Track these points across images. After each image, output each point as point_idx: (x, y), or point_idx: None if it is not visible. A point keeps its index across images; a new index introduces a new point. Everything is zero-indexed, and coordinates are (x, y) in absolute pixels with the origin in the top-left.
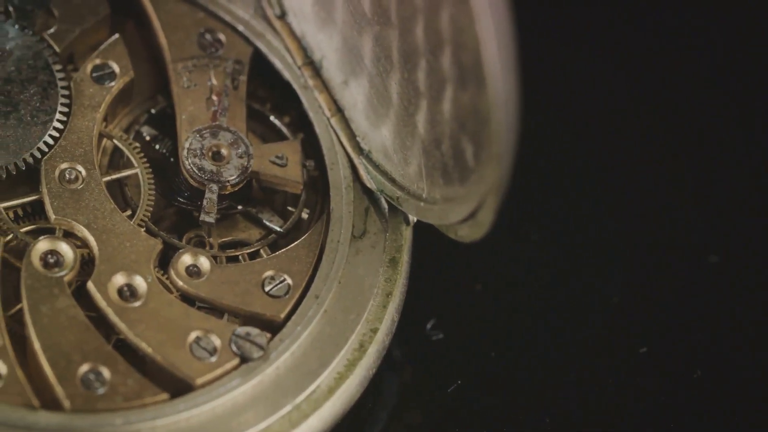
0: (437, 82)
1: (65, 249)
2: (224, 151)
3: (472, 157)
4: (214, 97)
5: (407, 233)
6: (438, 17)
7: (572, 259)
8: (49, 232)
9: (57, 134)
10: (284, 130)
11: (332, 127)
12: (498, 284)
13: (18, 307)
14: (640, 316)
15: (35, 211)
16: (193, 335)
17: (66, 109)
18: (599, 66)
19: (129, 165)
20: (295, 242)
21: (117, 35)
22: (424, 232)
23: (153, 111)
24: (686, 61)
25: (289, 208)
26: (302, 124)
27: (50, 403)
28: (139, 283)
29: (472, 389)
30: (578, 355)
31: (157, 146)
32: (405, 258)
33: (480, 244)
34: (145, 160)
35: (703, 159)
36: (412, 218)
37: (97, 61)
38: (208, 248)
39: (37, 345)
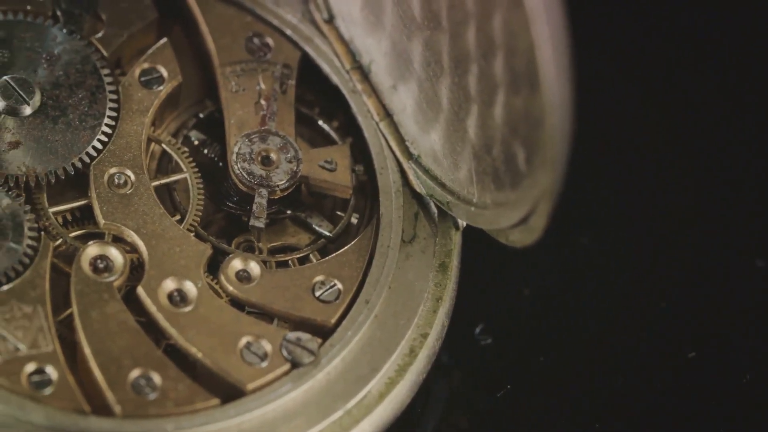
0: (488, 87)
1: (115, 254)
2: (273, 156)
3: (524, 162)
4: (263, 102)
5: (456, 238)
6: (490, 22)
7: (619, 264)
8: (98, 237)
9: (105, 139)
10: (333, 134)
11: (381, 131)
12: (546, 288)
13: (68, 312)
14: (687, 320)
15: (84, 216)
16: (243, 340)
17: (114, 114)
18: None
19: (177, 169)
20: (345, 247)
21: (165, 39)
22: (470, 237)
23: (201, 115)
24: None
25: (338, 213)
26: (350, 129)
27: (101, 408)
28: (190, 288)
29: (521, 394)
30: (627, 360)
31: (206, 151)
32: (455, 262)
33: (527, 248)
34: (193, 164)
35: (749, 162)
36: (462, 223)
37: (145, 66)
38: (257, 253)
39: (87, 350)
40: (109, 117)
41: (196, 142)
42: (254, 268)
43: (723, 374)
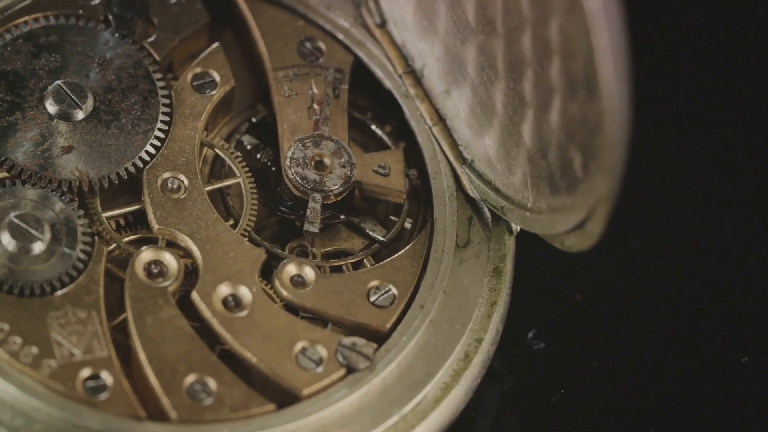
0: (544, 92)
1: (169, 259)
2: (327, 161)
3: (580, 167)
4: (316, 106)
5: (510, 242)
6: (546, 27)
7: (671, 268)
8: (152, 241)
9: (158, 143)
10: (385, 139)
11: (434, 136)
12: (597, 293)
13: (122, 317)
14: (740, 325)
15: (137, 221)
16: (299, 345)
17: (167, 118)
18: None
19: (230, 174)
20: (400, 252)
21: (217, 44)
22: (520, 241)
23: (253, 120)
24: None
25: (392, 218)
26: (403, 133)
27: (156, 413)
28: (244, 293)
29: (574, 399)
30: (679, 365)
31: (258, 155)
32: (508, 267)
33: (577, 253)
34: (246, 169)
35: None
36: (516, 227)
37: (198, 70)
38: (311, 258)
39: (142, 356)
40: (161, 121)
41: (248, 147)
42: (309, 273)
43: None
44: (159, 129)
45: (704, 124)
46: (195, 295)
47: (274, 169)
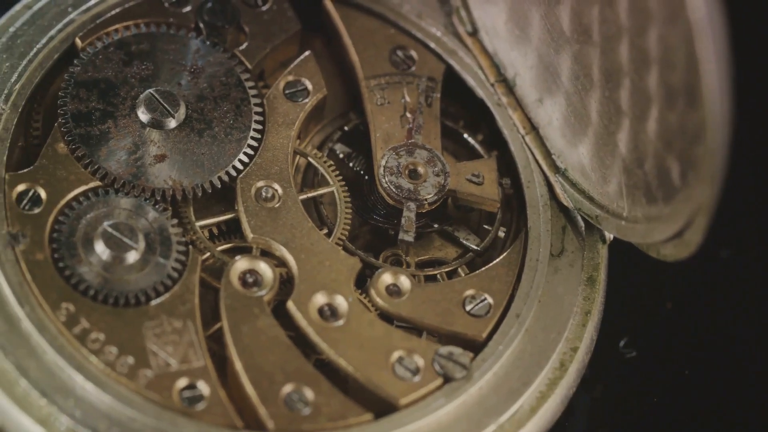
0: (641, 101)
1: (264, 268)
2: (421, 169)
3: (678, 177)
4: (409, 115)
5: (604, 251)
6: (645, 36)
7: (760, 277)
8: (245, 251)
9: (252, 152)
10: (477, 147)
11: (527, 145)
12: (688, 302)
13: (216, 326)
14: None
15: (230, 230)
16: (395, 355)
17: (260, 127)
18: None
19: (323, 183)
20: (495, 261)
21: (308, 52)
22: (610, 250)
23: (346, 128)
24: None
25: (485, 227)
26: (495, 142)
27: (253, 423)
28: (340, 302)
29: (666, 408)
30: None
31: (351, 164)
32: (602, 276)
33: (666, 262)
34: (340, 177)
35: None
36: (609, 236)
37: (290, 78)
38: (405, 267)
39: (238, 365)
40: (254, 130)
41: (341, 155)
42: (404, 282)
43: None
44: (252, 137)
45: None
46: (291, 305)
47: (366, 177)
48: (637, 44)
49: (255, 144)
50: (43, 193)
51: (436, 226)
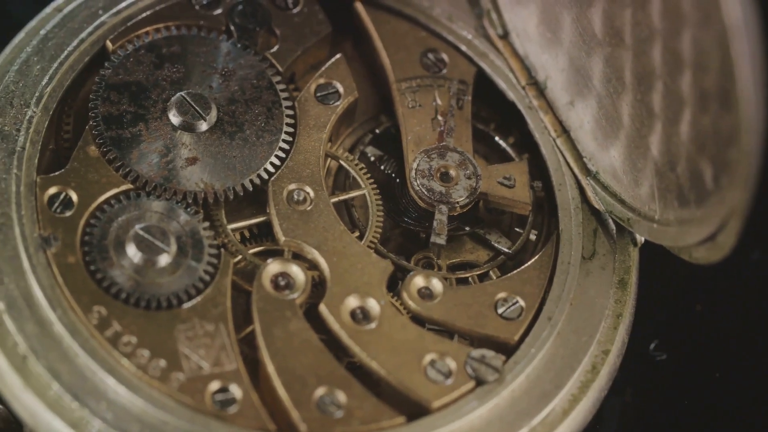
0: (674, 104)
1: (296, 271)
2: (452, 172)
3: (711, 180)
4: (440, 118)
5: (635, 254)
6: (678, 39)
7: None
8: (277, 254)
9: (283, 155)
10: (509, 150)
11: (558, 147)
12: (718, 304)
13: (248, 330)
14: None
15: (261, 233)
16: (428, 358)
17: (291, 129)
18: None
19: (354, 186)
20: (527, 264)
21: (340, 55)
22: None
23: (377, 131)
24: None
25: (516, 229)
26: (526, 145)
27: (286, 427)
28: (372, 305)
29: (696, 410)
30: None
31: (382, 167)
32: (633, 279)
33: (696, 264)
34: (371, 180)
35: None
36: (640, 239)
37: (321, 81)
38: (436, 270)
39: (271, 368)
40: (286, 132)
41: (372, 158)
42: (436, 285)
43: None
44: (283, 140)
45: None
46: (323, 308)
47: (398, 180)
48: (670, 47)
49: (286, 147)
50: (74, 196)
51: (467, 228)
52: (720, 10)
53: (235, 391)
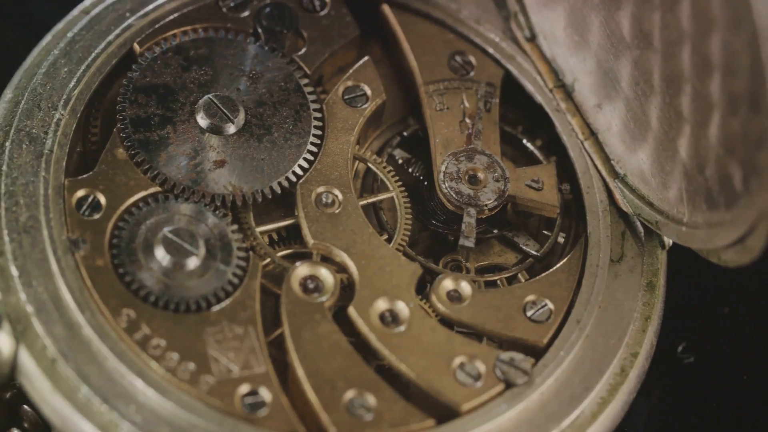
0: (703, 107)
1: (325, 274)
2: (481, 175)
3: (740, 183)
4: (468, 120)
5: (663, 257)
6: (707, 42)
7: None
8: (305, 256)
9: (311, 157)
10: (536, 153)
11: (586, 150)
12: (745, 306)
13: (277, 332)
14: None
15: (289, 236)
16: (457, 361)
17: (319, 132)
18: None
19: (382, 188)
20: (555, 267)
21: (367, 57)
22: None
23: (405, 133)
24: None
25: (544, 232)
26: (554, 147)
27: (315, 430)
28: (401, 308)
29: (725, 413)
30: None
31: (410, 169)
32: (661, 282)
33: (725, 267)
34: (399, 183)
35: None
36: (668, 241)
37: (349, 83)
38: (464, 272)
39: (300, 371)
40: (314, 135)
41: (400, 161)
42: (465, 287)
43: None
44: (311, 143)
45: None
46: (352, 310)
47: (426, 183)
48: (699, 50)
49: (314, 149)
50: (102, 199)
51: (495, 231)
52: (751, 12)
53: (265, 394)
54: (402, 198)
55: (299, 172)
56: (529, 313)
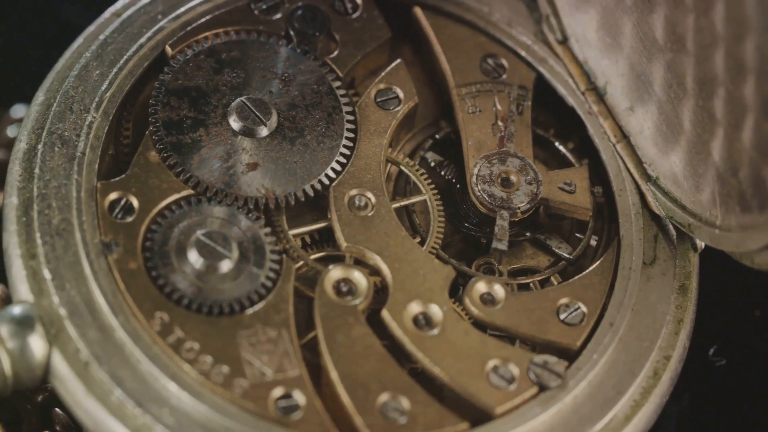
0: (736, 110)
1: (358, 277)
2: (513, 178)
3: None
4: (500, 123)
5: (695, 260)
6: (741, 45)
7: None
8: (338, 259)
9: (344, 160)
10: (568, 155)
11: (618, 153)
12: None
13: (310, 335)
14: None
15: (322, 238)
16: (491, 364)
17: (352, 135)
18: None
19: (415, 191)
20: (588, 269)
21: (399, 60)
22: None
23: (437, 136)
24: None
25: (577, 235)
26: (586, 150)
27: None
28: (435, 311)
29: (757, 416)
30: None
31: (442, 172)
32: (694, 284)
33: (758, 270)
34: (432, 186)
35: None
36: (700, 244)
37: (381, 86)
38: (497, 275)
39: (334, 374)
40: (347, 138)
41: (432, 164)
42: (498, 290)
43: None
44: (344, 146)
45: None
46: (385, 313)
47: (458, 186)
48: (733, 53)
49: (347, 152)
50: (135, 202)
51: (528, 234)
52: None
53: (299, 397)
54: (435, 201)
55: (332, 174)
56: (562, 316)
